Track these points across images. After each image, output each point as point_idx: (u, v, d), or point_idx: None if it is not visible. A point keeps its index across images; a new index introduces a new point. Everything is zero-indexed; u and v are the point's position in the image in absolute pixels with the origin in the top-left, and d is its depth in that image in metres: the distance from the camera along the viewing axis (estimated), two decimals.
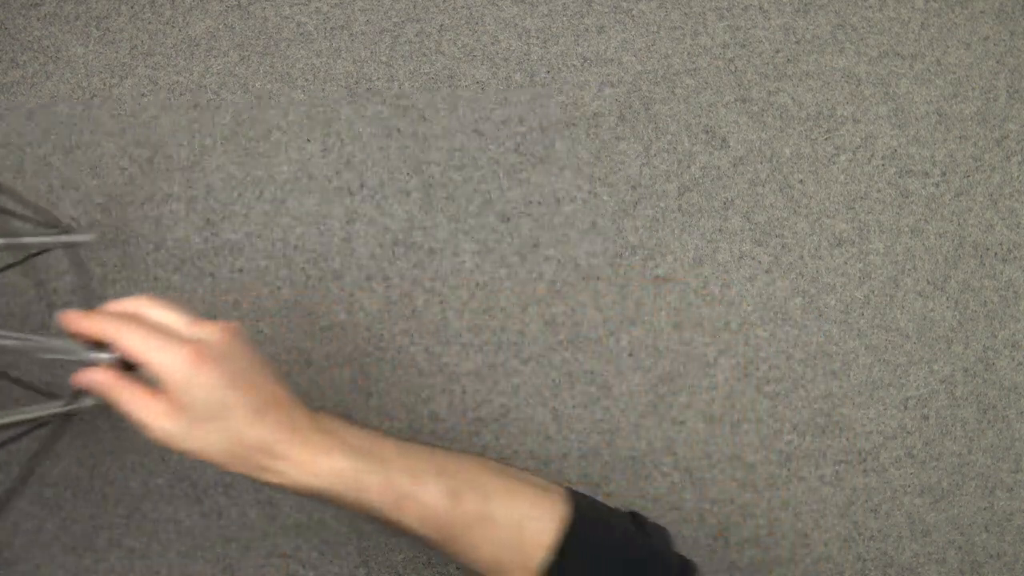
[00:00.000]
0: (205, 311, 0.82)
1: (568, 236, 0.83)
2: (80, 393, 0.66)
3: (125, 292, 0.82)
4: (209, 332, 0.59)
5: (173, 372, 0.57)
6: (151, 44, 0.82)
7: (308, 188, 0.83)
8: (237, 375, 0.58)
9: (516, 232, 0.83)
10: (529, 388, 0.83)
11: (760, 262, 0.84)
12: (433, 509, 0.60)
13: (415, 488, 0.60)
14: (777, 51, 0.84)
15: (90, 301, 0.82)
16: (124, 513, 0.82)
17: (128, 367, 0.61)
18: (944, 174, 0.84)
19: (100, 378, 0.59)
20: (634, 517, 0.67)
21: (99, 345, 0.61)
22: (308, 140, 0.83)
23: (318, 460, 0.59)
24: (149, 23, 0.83)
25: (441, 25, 0.83)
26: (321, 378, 0.82)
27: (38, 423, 0.67)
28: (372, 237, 0.83)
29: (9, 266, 0.79)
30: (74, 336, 0.60)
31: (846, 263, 0.84)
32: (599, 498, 0.83)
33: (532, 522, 0.61)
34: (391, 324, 0.83)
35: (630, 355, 0.83)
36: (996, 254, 0.84)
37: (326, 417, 0.62)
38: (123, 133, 0.82)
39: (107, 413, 0.82)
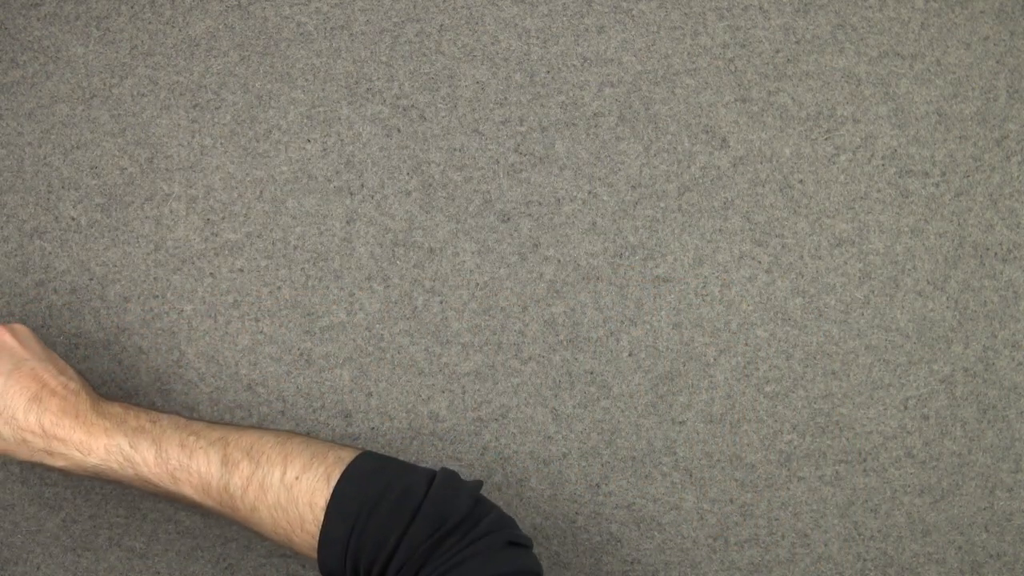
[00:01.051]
0: (205, 311, 0.82)
1: (568, 236, 0.83)
2: None
3: (125, 292, 0.82)
4: None
5: None
6: (151, 44, 0.82)
7: (308, 188, 0.83)
8: (13, 367, 0.64)
9: (516, 232, 0.83)
10: (529, 388, 0.83)
11: (760, 262, 0.84)
12: (207, 478, 0.63)
13: (189, 460, 0.63)
14: (777, 51, 0.84)
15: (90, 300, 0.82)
16: (124, 513, 0.82)
17: None
18: (944, 174, 0.84)
19: None
20: (430, 475, 0.65)
21: None
22: (308, 140, 0.83)
23: (94, 440, 0.64)
24: (149, 23, 0.83)
25: (441, 25, 0.83)
26: (321, 378, 0.82)
27: None
28: (372, 237, 0.83)
29: None
30: None
31: (846, 263, 0.84)
32: (599, 498, 0.83)
33: (302, 483, 0.63)
34: (391, 324, 0.83)
35: (630, 355, 0.83)
36: (996, 254, 0.84)
37: (110, 404, 0.66)
38: (123, 133, 0.82)
39: None
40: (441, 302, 0.83)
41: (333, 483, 0.62)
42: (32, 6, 0.82)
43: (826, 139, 0.84)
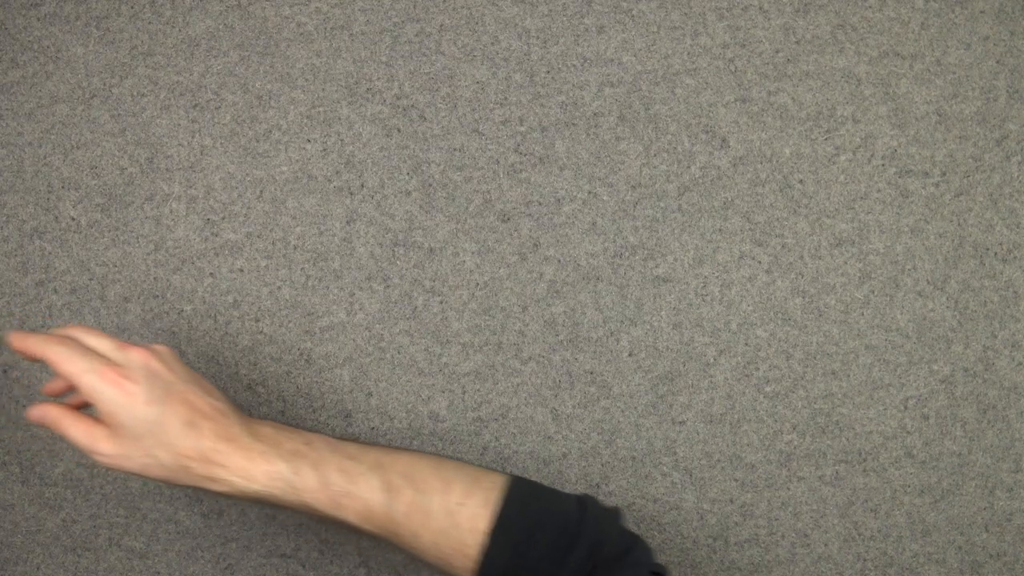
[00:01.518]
0: (205, 311, 0.82)
1: (568, 236, 0.83)
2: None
3: (125, 292, 0.82)
4: (133, 355, 0.63)
5: (100, 394, 0.61)
6: (151, 44, 0.82)
7: (308, 188, 0.83)
8: (166, 392, 0.62)
9: (516, 232, 0.83)
10: (529, 388, 0.83)
11: (760, 262, 0.84)
12: (371, 504, 0.63)
13: (352, 486, 0.63)
14: (777, 51, 0.84)
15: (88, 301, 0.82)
16: (124, 513, 0.82)
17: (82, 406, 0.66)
18: (944, 174, 0.84)
19: (48, 412, 0.64)
20: (581, 502, 0.67)
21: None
22: (308, 140, 0.83)
23: (255, 466, 0.62)
24: (149, 23, 0.83)
25: (441, 25, 0.83)
26: (321, 378, 0.82)
27: None
28: (372, 237, 0.83)
29: None
30: (19, 353, 0.65)
31: (846, 263, 0.84)
32: (599, 498, 0.83)
33: (465, 509, 0.63)
34: (391, 324, 0.83)
35: (630, 355, 0.83)
36: (996, 254, 0.84)
37: (261, 424, 0.65)
38: (123, 133, 0.82)
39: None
40: (441, 302, 0.83)
41: (491, 508, 0.64)
42: (32, 6, 0.82)
43: (826, 139, 0.84)
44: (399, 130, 0.83)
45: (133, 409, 0.61)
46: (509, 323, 0.83)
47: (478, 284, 0.83)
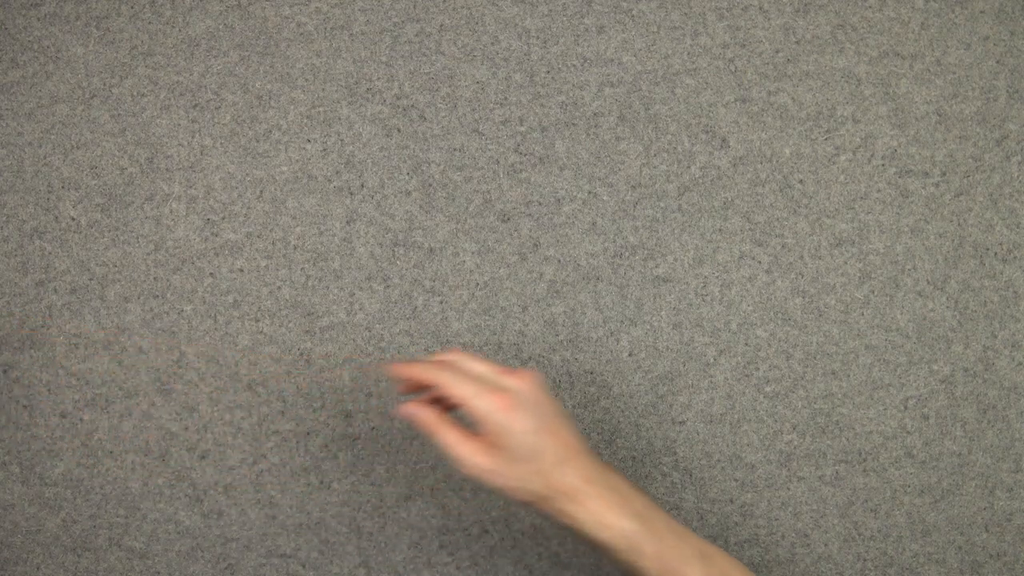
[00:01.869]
0: (205, 311, 0.82)
1: (568, 236, 0.83)
2: None
3: (125, 292, 0.82)
4: (517, 382, 0.66)
5: (490, 416, 0.64)
6: (151, 44, 0.82)
7: (308, 188, 0.83)
8: (544, 423, 0.66)
9: (516, 232, 0.83)
10: None
11: (760, 262, 0.84)
12: None
13: (682, 567, 0.66)
14: (777, 51, 0.84)
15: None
16: (124, 513, 0.82)
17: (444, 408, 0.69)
18: (944, 174, 0.84)
19: (423, 414, 0.68)
20: None
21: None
22: (308, 140, 0.83)
23: (609, 515, 0.65)
24: (149, 23, 0.83)
25: (441, 25, 0.83)
26: (321, 378, 0.82)
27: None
28: (372, 237, 0.83)
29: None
30: (400, 382, 0.69)
31: (846, 263, 0.84)
32: None
33: None
34: (391, 324, 0.83)
35: (630, 355, 0.83)
36: (996, 254, 0.84)
37: (610, 471, 0.68)
38: (123, 133, 0.82)
39: (103, 411, 0.82)
40: (441, 302, 0.83)
41: None
42: (32, 6, 0.82)
43: (826, 139, 0.84)
44: (399, 130, 0.83)
45: (519, 436, 0.64)
46: (509, 323, 0.83)
47: (478, 284, 0.83)
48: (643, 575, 0.66)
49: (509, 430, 0.64)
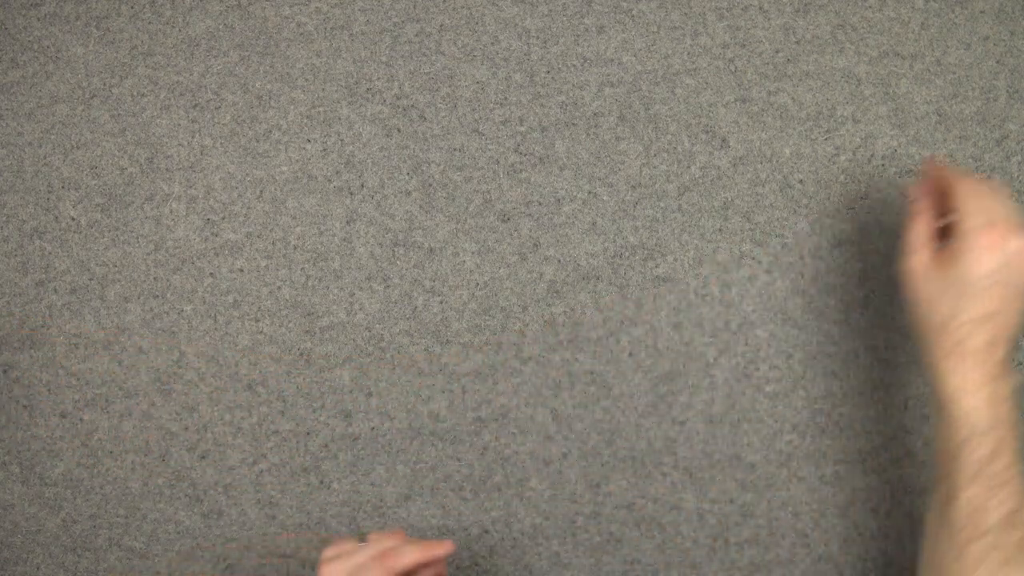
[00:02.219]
0: (205, 311, 0.82)
1: (568, 236, 0.83)
2: None
3: (125, 292, 0.82)
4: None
5: (972, 240, 0.61)
6: (151, 44, 0.83)
7: (308, 188, 0.83)
8: (1007, 289, 0.62)
9: (516, 232, 0.83)
10: (529, 388, 0.83)
11: (760, 262, 0.84)
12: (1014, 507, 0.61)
13: (1001, 490, 0.61)
14: (777, 51, 0.84)
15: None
16: (124, 513, 0.82)
17: None
18: None
19: (925, 202, 0.66)
20: None
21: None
22: (308, 140, 0.83)
23: (978, 399, 0.62)
24: (149, 23, 0.83)
25: (441, 25, 0.83)
26: (321, 378, 0.82)
27: None
28: (372, 237, 0.83)
29: None
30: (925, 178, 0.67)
31: (846, 263, 0.84)
32: (599, 498, 0.83)
33: None
34: (391, 324, 0.83)
35: (630, 355, 0.83)
36: None
37: (1008, 385, 0.63)
38: (123, 133, 0.82)
39: (103, 411, 0.82)
40: (441, 302, 0.83)
41: None
42: (32, 6, 0.82)
43: (826, 139, 0.84)
44: (399, 130, 0.83)
45: (974, 273, 0.61)
46: (509, 323, 0.83)
47: (478, 284, 0.83)
48: (957, 466, 0.61)
49: (975, 261, 0.61)
